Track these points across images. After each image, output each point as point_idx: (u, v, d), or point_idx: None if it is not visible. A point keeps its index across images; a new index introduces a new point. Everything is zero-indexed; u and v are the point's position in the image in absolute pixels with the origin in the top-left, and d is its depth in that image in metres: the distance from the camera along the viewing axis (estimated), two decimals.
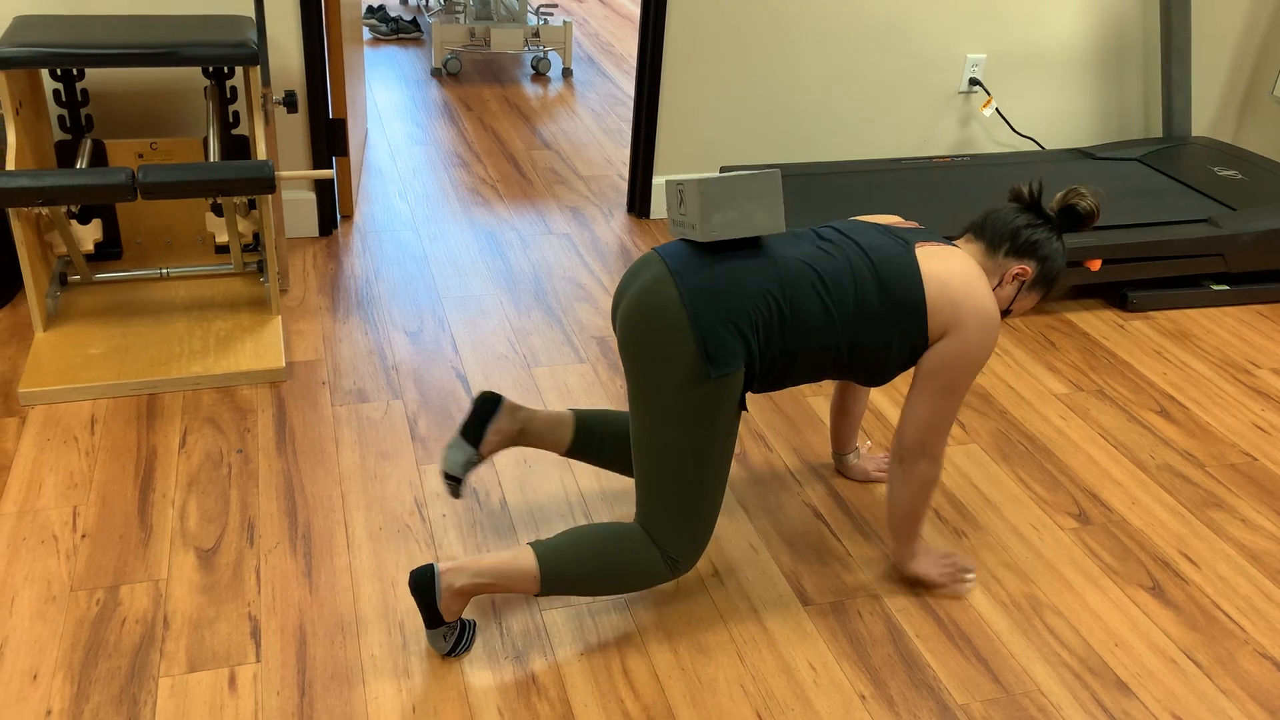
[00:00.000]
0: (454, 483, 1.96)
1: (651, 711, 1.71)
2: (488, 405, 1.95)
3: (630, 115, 4.58)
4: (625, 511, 2.16)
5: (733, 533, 2.13)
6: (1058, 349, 2.89)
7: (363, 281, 3.00)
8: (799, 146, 3.63)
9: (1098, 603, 2.00)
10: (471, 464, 1.95)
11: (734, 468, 2.32)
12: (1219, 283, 3.21)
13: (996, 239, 1.86)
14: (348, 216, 3.41)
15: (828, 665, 1.82)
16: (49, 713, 1.64)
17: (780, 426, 2.47)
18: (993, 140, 3.84)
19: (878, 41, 3.52)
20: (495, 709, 1.70)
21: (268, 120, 2.68)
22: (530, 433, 1.98)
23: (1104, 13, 3.72)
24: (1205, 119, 4.07)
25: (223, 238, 2.71)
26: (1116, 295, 3.15)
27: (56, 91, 2.76)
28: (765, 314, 1.69)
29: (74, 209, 2.77)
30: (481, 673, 1.76)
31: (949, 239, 1.91)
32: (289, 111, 2.73)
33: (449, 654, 1.78)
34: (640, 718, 1.70)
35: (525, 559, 1.72)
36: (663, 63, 3.35)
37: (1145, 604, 2.01)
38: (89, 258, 2.90)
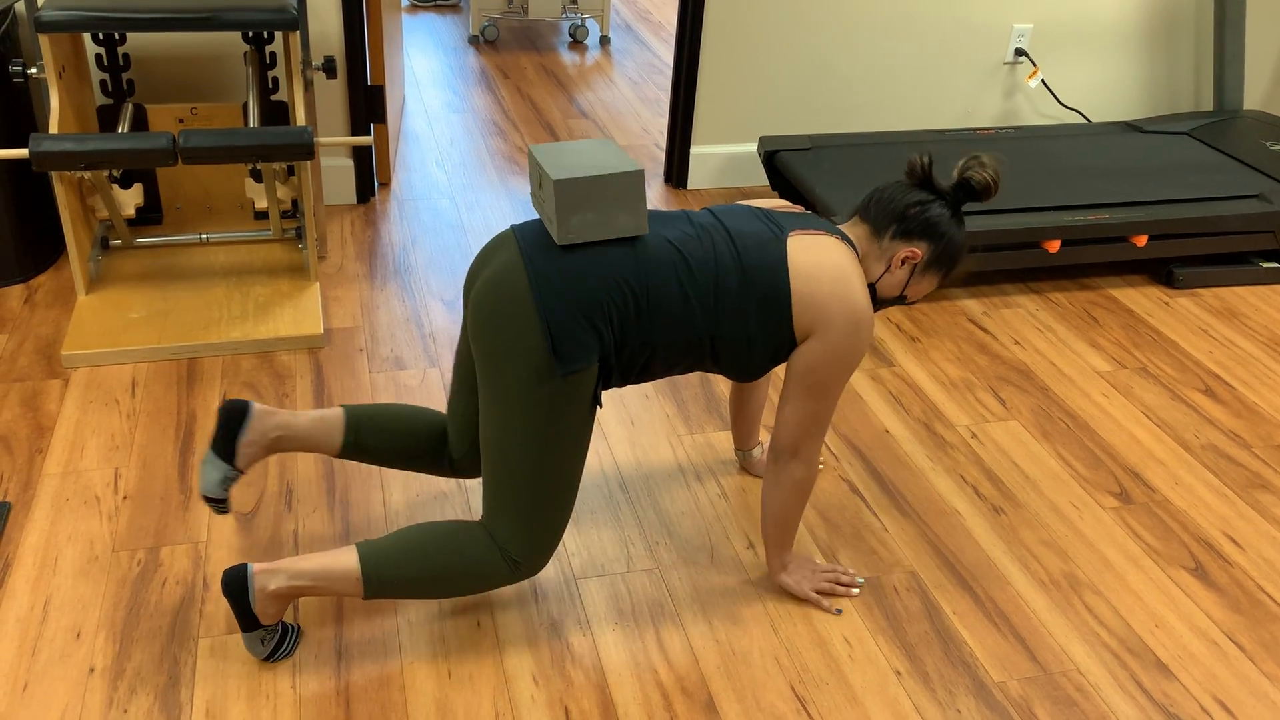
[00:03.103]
0: (216, 504, 1.78)
1: (685, 682, 1.71)
2: (234, 416, 1.75)
3: (668, 84, 4.54)
4: (641, 489, 2.16)
5: None
6: (1101, 325, 2.84)
7: (400, 249, 3.00)
8: (839, 116, 3.58)
9: (1138, 583, 1.98)
10: (229, 480, 1.77)
11: None
12: (1269, 260, 3.14)
13: (882, 220, 1.73)
14: (385, 184, 3.41)
15: (863, 640, 1.81)
16: (92, 670, 1.66)
17: None
18: (1038, 113, 3.77)
19: (922, 10, 3.46)
20: (530, 676, 1.70)
21: (307, 86, 2.67)
22: (293, 437, 1.79)
23: None
24: (1258, 92, 3.97)
25: (262, 204, 2.72)
26: (1162, 272, 3.10)
27: (98, 56, 2.77)
28: (620, 305, 1.58)
29: (116, 173, 2.78)
30: (517, 640, 1.77)
31: (834, 223, 1.78)
32: (328, 78, 2.72)
33: (268, 659, 1.68)
34: (674, 688, 1.70)
35: (347, 560, 1.62)
36: (703, 31, 3.31)
37: (1187, 585, 1.98)
38: (130, 222, 2.92)
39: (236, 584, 1.61)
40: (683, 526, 2.04)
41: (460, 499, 2.07)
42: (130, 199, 2.70)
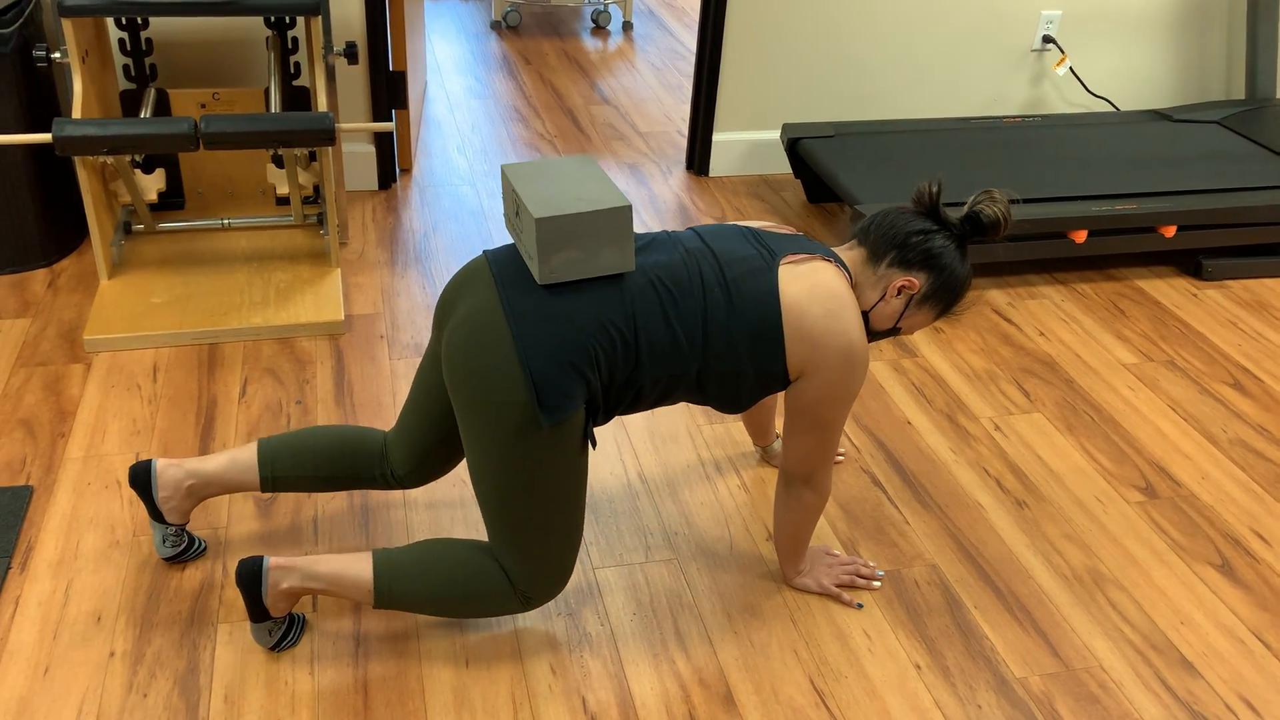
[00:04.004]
0: (177, 558, 1.81)
1: (703, 674, 1.70)
2: (139, 477, 1.76)
3: (691, 70, 4.51)
4: (704, 485, 2.15)
5: None
6: (1127, 317, 2.81)
7: (421, 236, 2.99)
8: (863, 103, 3.54)
9: (1164, 579, 1.95)
10: (173, 535, 1.80)
11: None
12: None
13: (880, 247, 1.65)
14: (406, 170, 3.41)
15: (883, 633, 1.80)
16: (112, 654, 1.67)
17: None
18: (1065, 101, 3.72)
19: None
20: (548, 665, 1.70)
21: (329, 72, 2.67)
22: (209, 483, 1.77)
23: None
24: None
25: (283, 189, 2.72)
26: (1190, 263, 3.05)
27: (121, 41, 2.77)
28: (608, 348, 1.51)
29: (138, 158, 2.79)
30: (535, 628, 1.76)
31: (827, 249, 1.68)
32: (350, 63, 2.71)
33: (274, 649, 1.69)
34: (692, 679, 1.69)
35: (361, 570, 1.61)
36: (726, 16, 3.28)
37: (1214, 582, 1.95)
38: (152, 207, 2.93)
39: (251, 576, 1.60)
40: (701, 518, 2.03)
41: None
42: (152, 184, 2.71)
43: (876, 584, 1.89)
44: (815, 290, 1.58)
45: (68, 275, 2.69)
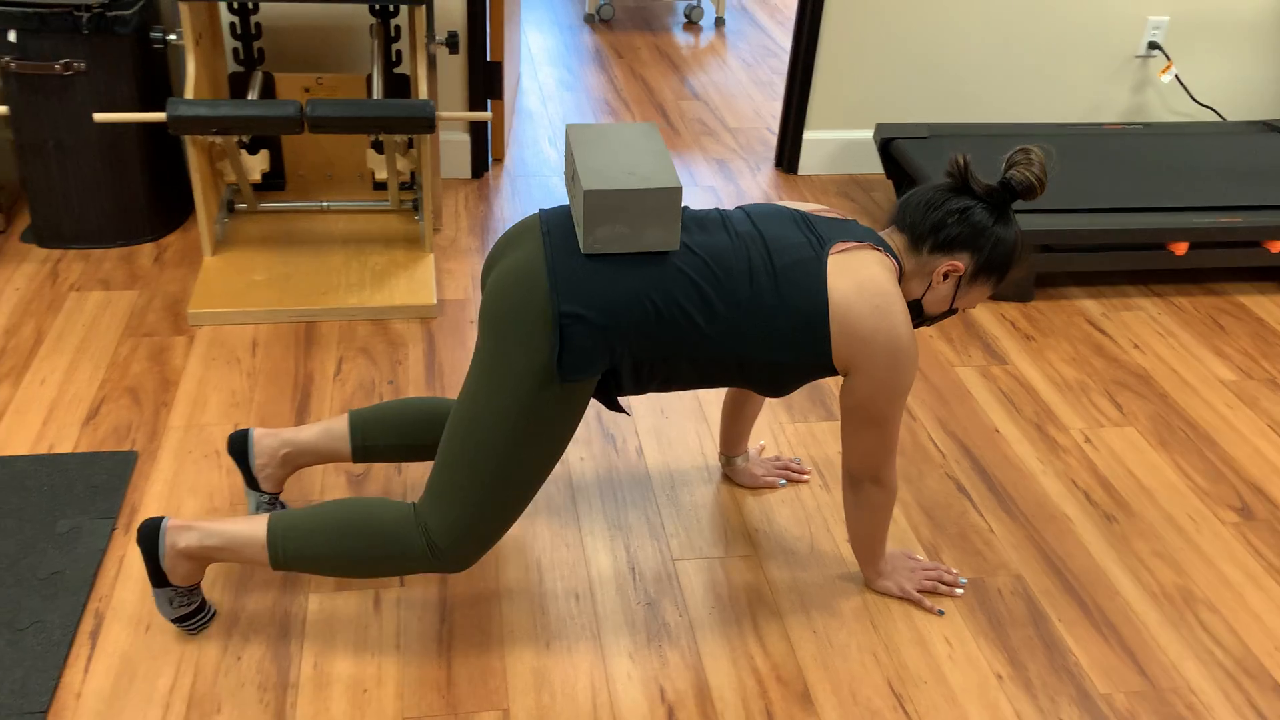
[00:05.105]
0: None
1: (781, 671, 1.71)
2: (236, 447, 1.83)
3: (782, 67, 4.49)
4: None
5: None
6: (1227, 333, 2.73)
7: (510, 224, 3.03)
8: (959, 105, 3.49)
9: (1258, 602, 1.90)
10: (266, 504, 1.85)
11: None
12: None
13: (919, 233, 1.62)
14: (498, 159, 3.46)
15: (964, 641, 1.78)
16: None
17: (925, 395, 2.41)
18: (1169, 109, 3.62)
19: None
20: (626, 654, 1.72)
21: (430, 61, 2.72)
22: (303, 451, 1.82)
23: None
24: None
25: (381, 174, 2.78)
26: None
27: (232, 24, 2.86)
28: (641, 321, 1.51)
29: (245, 139, 2.87)
30: (614, 616, 1.78)
31: (875, 235, 1.65)
32: (450, 52, 2.76)
33: (177, 623, 1.67)
34: (770, 675, 1.70)
35: (256, 528, 1.59)
36: (823, 13, 3.26)
37: None
38: (255, 187, 3.01)
39: (150, 536, 1.59)
40: (782, 515, 2.03)
41: (560, 472, 2.09)
42: (257, 165, 2.79)
43: (959, 591, 1.87)
44: (864, 286, 1.55)
45: (173, 250, 2.79)
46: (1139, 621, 1.84)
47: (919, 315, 1.70)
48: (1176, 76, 3.56)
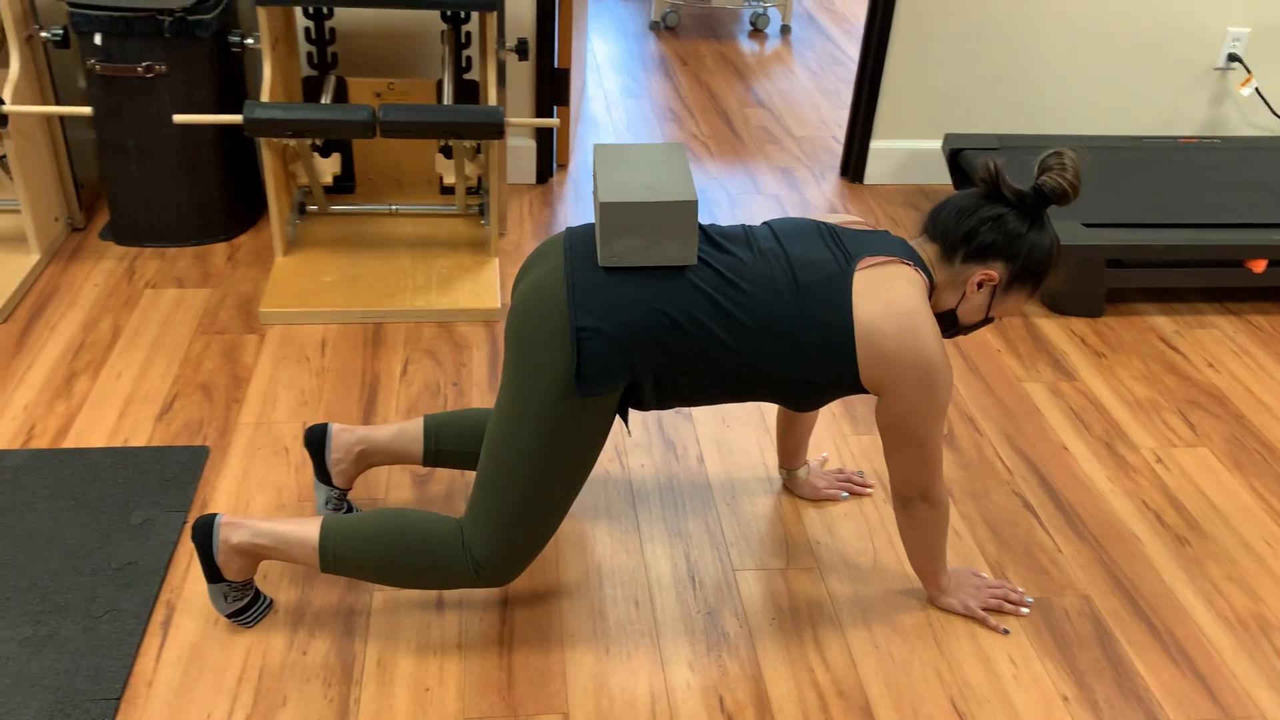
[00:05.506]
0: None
1: (842, 685, 1.69)
2: (313, 440, 1.85)
3: (848, 75, 4.47)
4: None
5: None
6: None
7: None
8: (1030, 116, 3.45)
9: None
10: (335, 499, 1.88)
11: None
12: None
13: (950, 243, 1.60)
14: (563, 165, 3.48)
15: (1029, 661, 1.75)
16: (276, 611, 1.76)
17: (992, 410, 2.38)
18: (1248, 123, 3.54)
19: (1125, 9, 3.29)
20: (685, 662, 1.72)
21: (500, 67, 2.74)
22: (377, 450, 1.86)
23: None
24: None
25: (449, 179, 2.81)
26: None
27: (307, 29, 2.91)
28: (659, 335, 1.51)
29: (318, 142, 2.92)
30: (673, 624, 1.78)
31: (904, 247, 1.62)
32: (520, 59, 2.79)
33: (232, 619, 1.70)
34: (830, 689, 1.68)
35: (308, 531, 1.62)
36: (893, 22, 3.24)
37: None
38: (326, 190, 3.07)
39: (204, 532, 1.62)
40: (844, 528, 2.02)
41: (620, 476, 2.10)
42: (328, 167, 2.84)
43: (1024, 610, 1.84)
44: (891, 305, 1.53)
45: (245, 250, 2.84)
46: (1211, 647, 1.80)
47: (953, 325, 1.68)
48: (1257, 89, 3.48)
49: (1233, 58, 3.39)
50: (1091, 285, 2.72)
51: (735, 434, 2.25)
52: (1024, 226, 1.58)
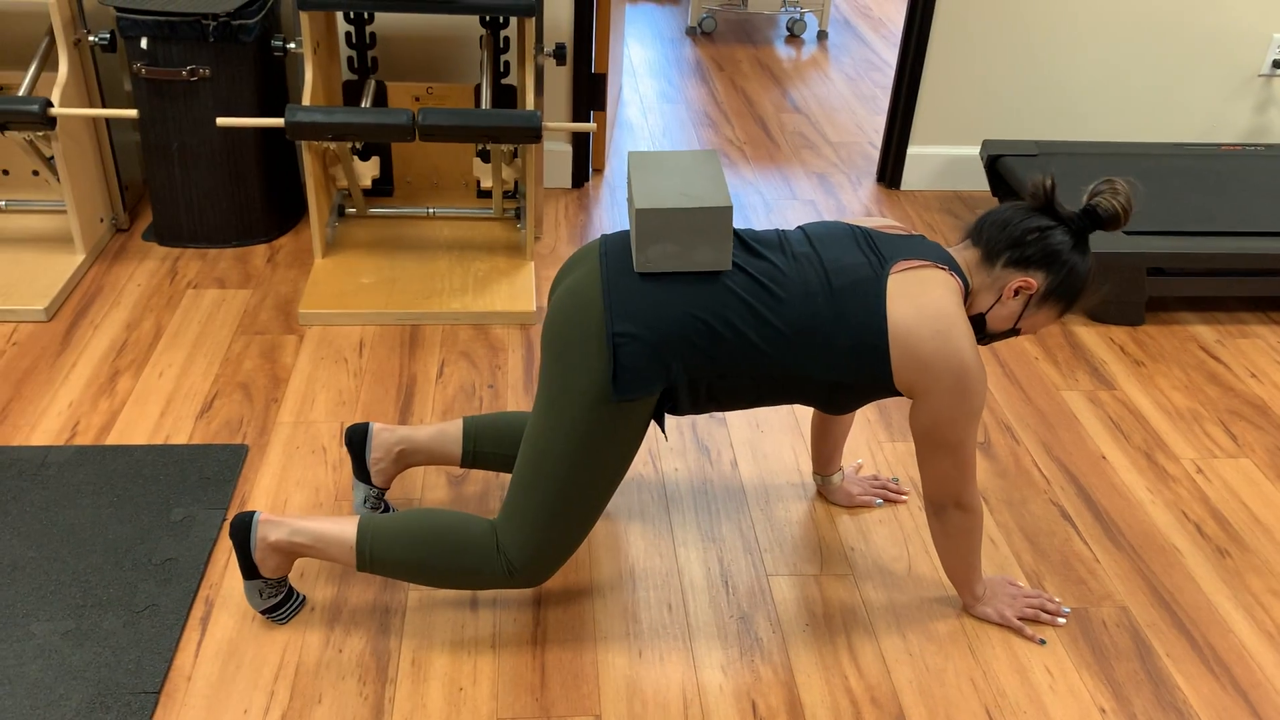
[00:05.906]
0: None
1: (875, 693, 1.68)
2: (354, 438, 1.87)
3: (885, 81, 4.45)
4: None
5: None
6: None
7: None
8: (1069, 123, 3.42)
9: None
10: (373, 498, 1.90)
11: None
12: None
13: (995, 247, 1.61)
14: (599, 170, 3.49)
15: (1066, 672, 1.74)
16: (312, 608, 1.77)
17: (1030, 419, 2.36)
18: None
19: (1169, 14, 3.26)
20: (718, 666, 1.71)
21: (538, 72, 2.76)
22: (416, 450, 1.87)
23: None
24: None
25: (487, 183, 2.83)
26: None
27: (348, 34, 2.94)
28: (694, 340, 1.53)
29: (358, 145, 2.95)
30: (706, 627, 1.78)
31: (941, 253, 1.63)
32: (558, 64, 2.80)
33: (265, 614, 1.72)
34: (864, 697, 1.68)
35: (346, 530, 1.64)
36: (931, 28, 3.22)
37: None
38: (365, 193, 3.10)
39: (242, 529, 1.64)
40: (879, 535, 2.01)
41: (654, 480, 2.10)
42: (368, 170, 2.86)
43: (1061, 620, 1.82)
44: (924, 309, 1.54)
45: (285, 251, 2.88)
46: (1253, 661, 1.77)
47: (981, 331, 1.68)
48: None
49: (1278, 64, 3.35)
50: (1132, 293, 2.69)
51: (769, 439, 2.25)
52: (1069, 244, 1.59)
